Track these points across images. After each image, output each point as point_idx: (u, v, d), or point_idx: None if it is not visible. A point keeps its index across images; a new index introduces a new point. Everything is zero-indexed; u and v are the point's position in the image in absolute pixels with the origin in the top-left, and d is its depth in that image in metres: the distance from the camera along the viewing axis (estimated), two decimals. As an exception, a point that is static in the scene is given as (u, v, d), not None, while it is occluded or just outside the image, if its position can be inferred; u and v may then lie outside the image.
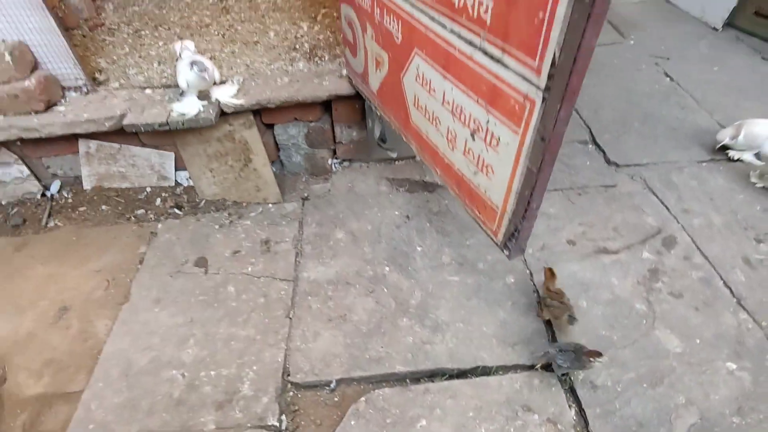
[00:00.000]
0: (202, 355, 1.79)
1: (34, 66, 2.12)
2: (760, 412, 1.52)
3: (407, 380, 1.71)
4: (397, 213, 2.33)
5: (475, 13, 1.11)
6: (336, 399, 1.68)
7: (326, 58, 2.42)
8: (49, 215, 2.50)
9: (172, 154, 2.53)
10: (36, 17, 1.99)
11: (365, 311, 1.90)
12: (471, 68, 1.21)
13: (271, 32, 2.71)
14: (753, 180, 2.33)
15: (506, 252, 1.33)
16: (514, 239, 1.28)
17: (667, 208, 2.24)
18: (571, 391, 1.62)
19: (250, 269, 2.10)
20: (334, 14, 2.86)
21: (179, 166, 2.57)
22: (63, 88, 2.24)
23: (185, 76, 2.09)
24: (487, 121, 1.21)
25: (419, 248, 2.15)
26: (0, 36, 2.03)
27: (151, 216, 2.44)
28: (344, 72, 2.26)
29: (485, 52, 1.13)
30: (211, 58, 2.52)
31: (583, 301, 1.86)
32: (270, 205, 2.43)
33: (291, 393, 1.69)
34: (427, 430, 1.54)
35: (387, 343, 1.79)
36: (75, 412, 1.65)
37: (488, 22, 1.08)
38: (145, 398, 1.67)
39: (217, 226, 2.32)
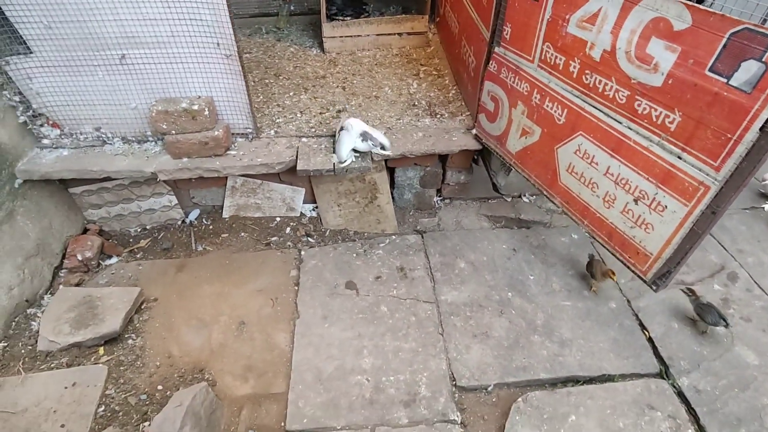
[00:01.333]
0: (378, 364, 2.18)
1: (217, 117, 2.52)
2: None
3: (547, 385, 2.14)
4: (504, 246, 2.79)
5: (659, 122, 1.60)
6: (494, 399, 2.10)
7: (445, 115, 2.89)
8: (196, 240, 2.86)
9: (303, 190, 2.93)
10: (232, 80, 2.39)
11: (502, 329, 2.33)
12: (644, 155, 1.69)
13: (386, 87, 3.17)
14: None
15: (654, 287, 1.80)
16: (664, 278, 1.75)
17: (725, 248, 2.77)
18: (680, 395, 2.09)
19: (395, 292, 2.51)
20: (434, 72, 3.35)
21: (306, 199, 2.98)
22: (233, 135, 2.64)
23: (351, 145, 2.51)
24: (656, 194, 1.69)
25: (531, 277, 2.60)
26: (196, 92, 2.42)
27: (289, 243, 2.83)
28: (472, 130, 2.73)
29: (663, 148, 1.62)
30: (341, 110, 2.95)
31: (675, 322, 2.35)
32: (394, 236, 2.85)
33: (457, 395, 2.10)
34: (577, 423, 1.97)
35: (527, 355, 2.22)
36: (287, 409, 2.02)
37: (672, 129, 1.57)
38: (342, 398, 2.05)
39: (354, 255, 2.73)
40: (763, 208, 3.02)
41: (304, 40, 3.79)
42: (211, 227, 2.93)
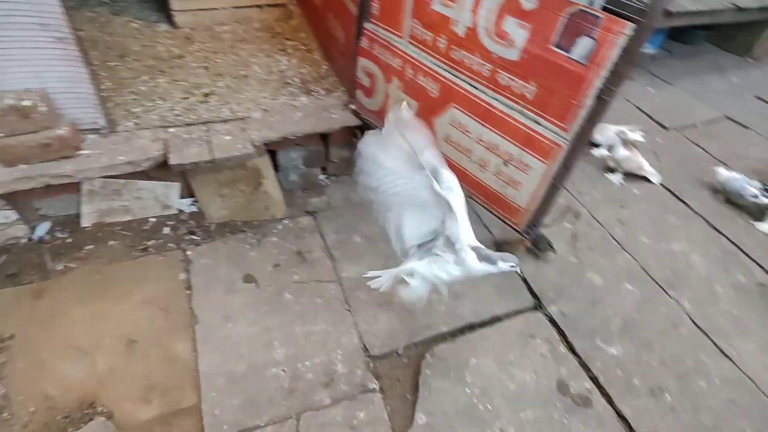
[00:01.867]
0: (292, 352, 2.18)
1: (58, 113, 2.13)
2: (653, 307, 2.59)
3: (449, 337, 2.37)
4: (394, 216, 2.93)
5: (519, 92, 1.81)
6: (405, 361, 2.26)
7: (321, 92, 2.85)
8: (52, 258, 2.45)
9: (178, 184, 2.69)
10: (69, 67, 2.03)
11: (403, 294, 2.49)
12: (509, 122, 1.90)
13: (254, 65, 2.99)
14: (610, 164, 3.52)
15: (527, 236, 2.09)
16: (533, 227, 2.04)
17: (569, 191, 3.29)
18: (551, 321, 2.48)
19: (296, 277, 2.49)
20: (302, 47, 3.25)
21: (183, 194, 2.73)
22: (82, 132, 2.26)
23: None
24: (521, 155, 1.93)
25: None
26: (23, 85, 2.00)
27: (171, 245, 2.59)
28: (350, 106, 2.74)
29: (524, 115, 1.85)
30: (209, 94, 2.72)
31: (541, 261, 2.75)
32: (286, 221, 2.80)
33: (372, 364, 2.21)
34: (478, 364, 2.24)
35: (429, 314, 2.42)
36: (202, 421, 1.92)
37: (530, 99, 1.79)
38: (260, 395, 2.02)
39: (247, 246, 2.61)
40: (592, 152, 3.62)
41: (148, 14, 3.34)
42: (69, 240, 2.53)
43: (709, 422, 2.14)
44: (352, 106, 2.76)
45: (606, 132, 3.57)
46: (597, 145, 3.63)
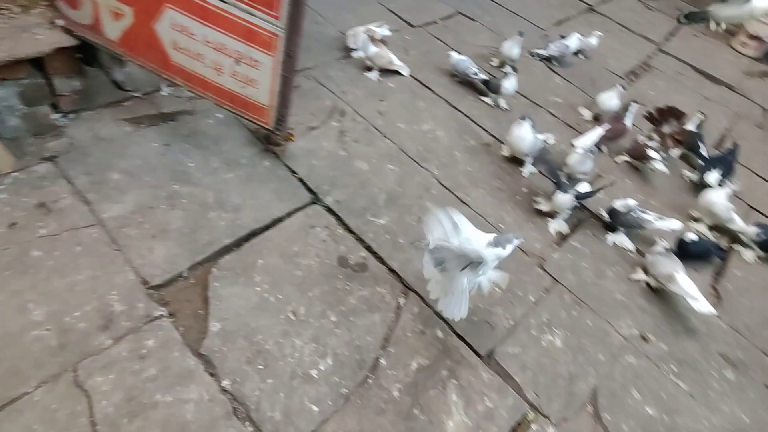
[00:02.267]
0: (54, 308, 1.98)
1: None
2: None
3: (234, 247, 2.43)
4: (155, 144, 2.72)
5: None
6: (192, 281, 2.27)
7: (16, 10, 2.32)
8: None
9: None
10: None
11: (179, 219, 2.42)
12: (227, 17, 1.88)
13: None
14: (367, 63, 3.81)
15: (278, 133, 2.19)
16: (281, 123, 2.14)
17: (333, 93, 3.49)
18: (329, 210, 2.74)
19: (44, 231, 2.19)
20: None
21: None
22: None
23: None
24: (249, 52, 1.95)
25: (191, 164, 2.69)
26: None
27: None
28: (58, 23, 2.30)
29: (238, 8, 1.83)
30: None
31: (314, 160, 2.94)
32: (17, 173, 2.36)
33: (156, 294, 2.16)
34: (264, 263, 2.37)
35: (208, 231, 2.42)
36: (-50, 410, 1.66)
37: None
38: (23, 362, 1.82)
39: (-36, 213, 2.16)
40: (352, 55, 3.84)
41: None
42: None
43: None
44: (61, 23, 2.34)
45: (358, 36, 3.80)
46: (355, 50, 3.85)
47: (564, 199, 2.88)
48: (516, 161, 3.41)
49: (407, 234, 2.73)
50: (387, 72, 3.80)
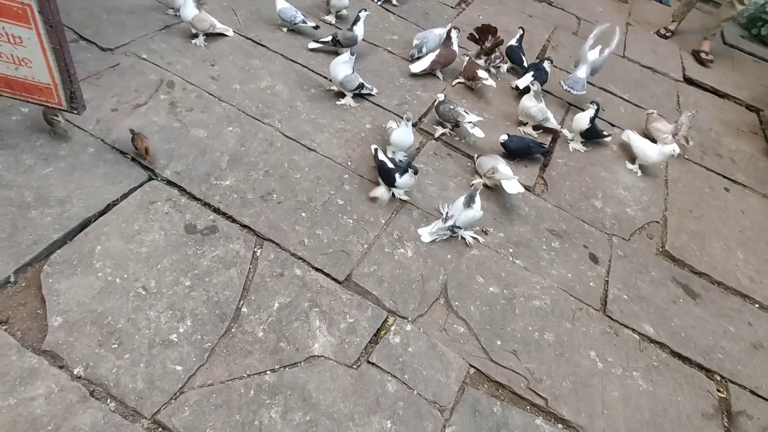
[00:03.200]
0: None
1: None
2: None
3: (67, 240, 2.32)
4: (-52, 154, 2.45)
5: None
6: (23, 284, 2.15)
7: None
8: None
9: None
10: None
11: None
12: None
13: None
14: (192, 30, 3.66)
15: (75, 111, 2.08)
16: (75, 100, 2.04)
17: (159, 66, 3.33)
18: (169, 182, 2.68)
19: None
20: None
21: None
22: None
23: None
24: (6, 29, 1.80)
25: (1, 165, 2.48)
26: None
27: None
28: None
29: None
30: None
31: (158, 140, 2.83)
32: None
33: (-17, 306, 2.03)
34: (103, 247, 2.30)
35: (33, 231, 2.28)
36: None
37: None
38: None
39: None
40: (178, 25, 3.66)
41: None
42: None
43: (305, 198, 2.82)
44: None
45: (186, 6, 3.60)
46: (177, 15, 3.66)
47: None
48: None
49: (255, 189, 2.78)
50: (212, 36, 3.68)
